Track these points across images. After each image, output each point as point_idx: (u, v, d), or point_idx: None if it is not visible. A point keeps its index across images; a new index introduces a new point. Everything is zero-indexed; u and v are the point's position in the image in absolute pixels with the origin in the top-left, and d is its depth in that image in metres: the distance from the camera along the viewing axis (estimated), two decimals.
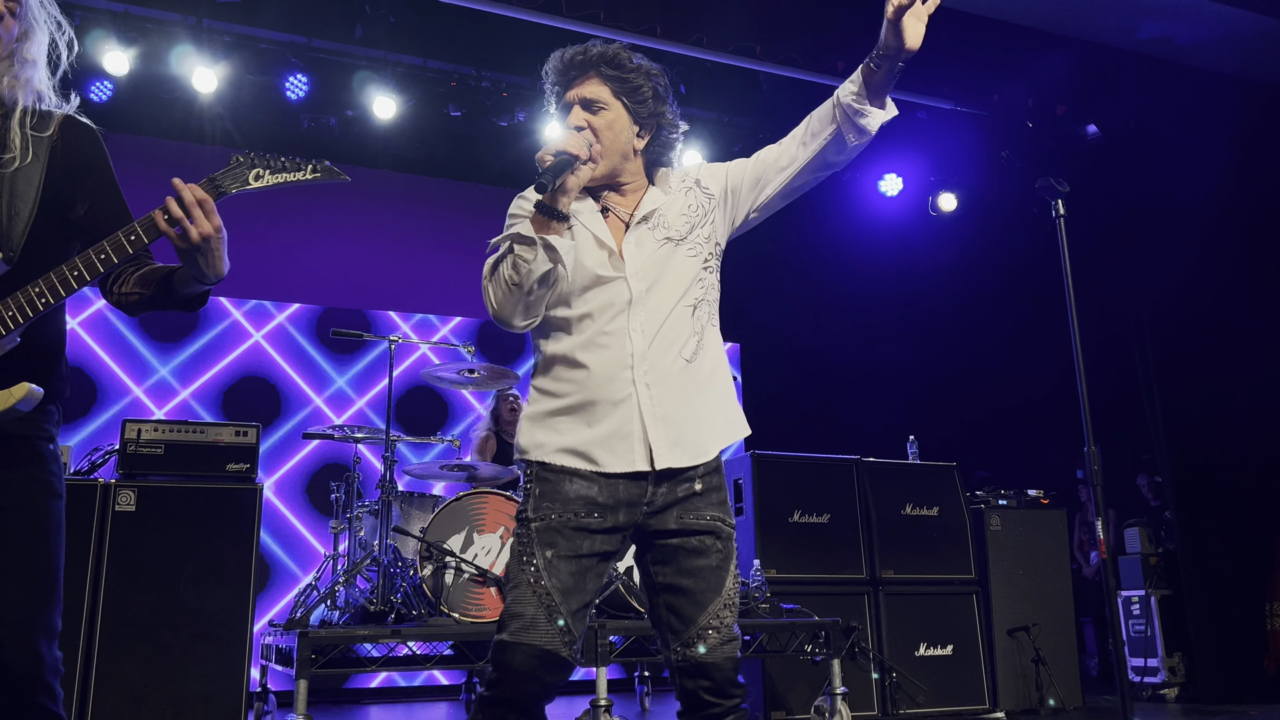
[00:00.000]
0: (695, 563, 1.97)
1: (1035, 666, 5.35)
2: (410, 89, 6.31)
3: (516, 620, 1.88)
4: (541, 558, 1.91)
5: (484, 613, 4.34)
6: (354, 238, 7.34)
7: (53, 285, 1.82)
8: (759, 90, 6.58)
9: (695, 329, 2.07)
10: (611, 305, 2.00)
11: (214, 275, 1.87)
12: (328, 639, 3.87)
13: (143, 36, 5.75)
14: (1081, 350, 2.84)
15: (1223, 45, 6.21)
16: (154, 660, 4.01)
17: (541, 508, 1.94)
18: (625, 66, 2.08)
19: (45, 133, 1.94)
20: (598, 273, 2.01)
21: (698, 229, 2.12)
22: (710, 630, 1.95)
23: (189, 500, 4.23)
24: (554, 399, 2.01)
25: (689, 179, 2.19)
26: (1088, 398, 2.75)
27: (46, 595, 1.83)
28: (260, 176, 1.93)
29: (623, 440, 1.96)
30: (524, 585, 1.90)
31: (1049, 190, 2.83)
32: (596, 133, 2.04)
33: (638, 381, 1.98)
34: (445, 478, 5.31)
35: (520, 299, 1.93)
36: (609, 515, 1.95)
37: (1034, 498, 5.77)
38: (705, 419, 2.05)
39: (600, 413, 1.97)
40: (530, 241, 1.90)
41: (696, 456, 2.01)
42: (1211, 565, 5.97)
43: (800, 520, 5.15)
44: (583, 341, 1.99)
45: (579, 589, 1.91)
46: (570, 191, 1.94)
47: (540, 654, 1.86)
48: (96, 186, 2.00)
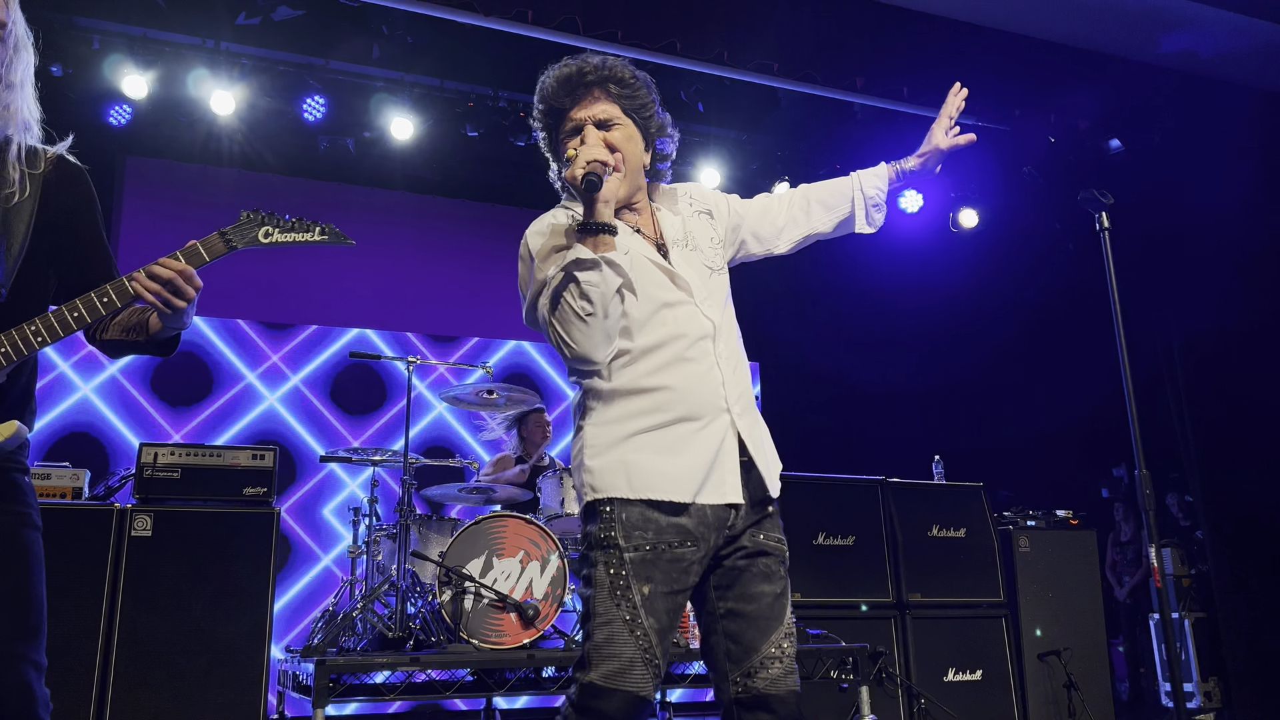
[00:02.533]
0: (761, 588, 1.89)
1: (1067, 691, 5.22)
2: (427, 110, 6.30)
3: (611, 662, 1.76)
4: (639, 593, 1.79)
5: (504, 639, 4.26)
6: (372, 258, 7.32)
7: (50, 326, 1.84)
8: (777, 107, 6.53)
9: (745, 360, 2.06)
10: (688, 332, 1.93)
11: (189, 322, 1.95)
12: (345, 666, 3.80)
13: (161, 60, 5.76)
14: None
15: (1246, 58, 6.14)
16: (170, 686, 3.95)
17: (634, 536, 1.82)
18: (631, 83, 2.03)
19: (37, 170, 1.94)
20: (666, 297, 1.94)
21: (724, 260, 2.12)
22: (774, 661, 1.85)
23: (206, 524, 4.18)
24: (634, 430, 1.88)
25: (695, 203, 2.15)
26: (1120, 416, 2.66)
27: (35, 630, 1.80)
28: (269, 234, 1.97)
29: (720, 473, 1.88)
30: (618, 623, 1.78)
31: (1092, 202, 2.75)
32: (618, 147, 1.98)
33: (731, 409, 1.91)
34: (462, 500, 5.25)
35: (599, 327, 1.83)
36: (702, 543, 1.86)
37: (1063, 518, 5.67)
38: (768, 453, 2.02)
39: (691, 442, 1.87)
40: (594, 264, 1.81)
41: (777, 486, 1.99)
42: (1246, 587, 5.84)
43: (825, 542, 5.06)
44: (666, 364, 1.90)
45: (671, 627, 1.83)
46: (609, 202, 1.87)
47: (636, 701, 1.77)
48: (83, 227, 2.01)
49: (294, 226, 1.97)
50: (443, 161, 6.95)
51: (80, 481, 4.20)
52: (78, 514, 4.02)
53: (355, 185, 7.14)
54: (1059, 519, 5.65)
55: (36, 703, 1.77)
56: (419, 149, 6.58)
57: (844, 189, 2.21)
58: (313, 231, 1.98)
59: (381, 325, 7.33)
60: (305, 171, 6.99)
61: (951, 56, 5.80)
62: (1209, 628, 6.06)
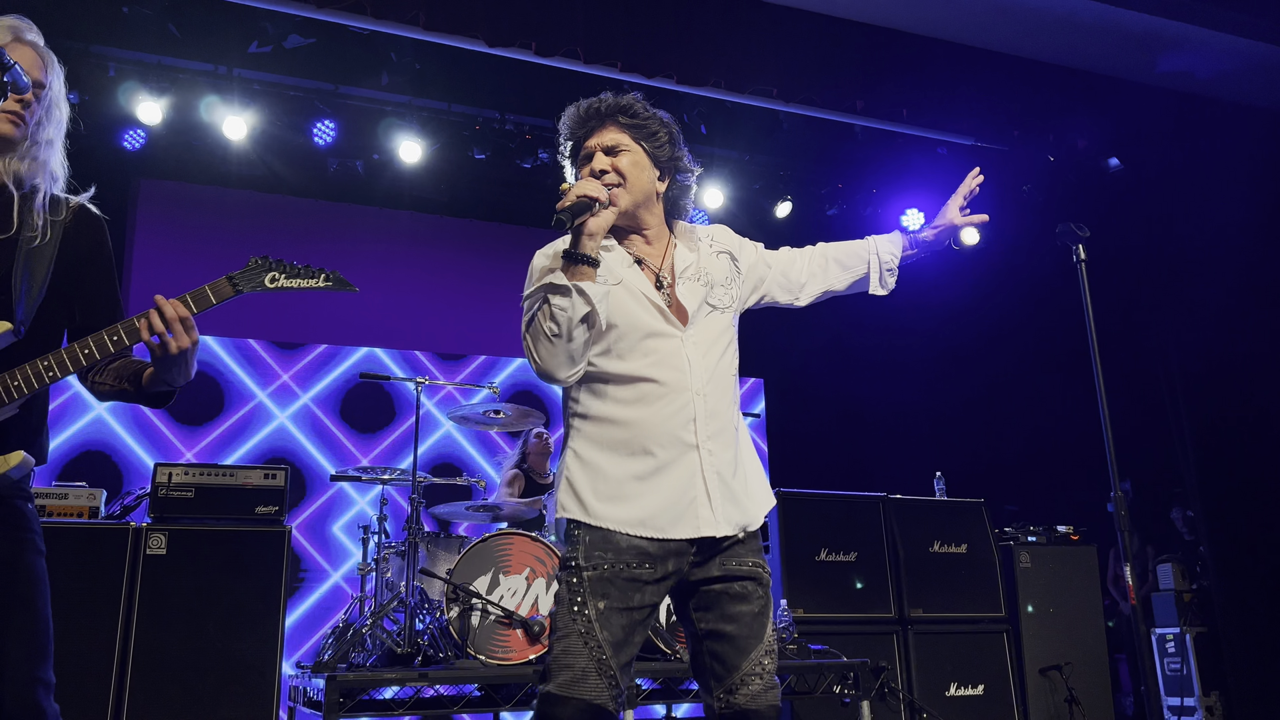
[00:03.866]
0: (738, 608, 1.98)
1: (1069, 706, 5.26)
2: (435, 133, 6.41)
3: (566, 672, 1.86)
4: (594, 609, 1.89)
5: (510, 655, 4.33)
6: (381, 278, 7.42)
7: (61, 361, 1.93)
8: (780, 129, 6.63)
9: (734, 397, 2.12)
10: (669, 364, 2.01)
11: (182, 379, 1.98)
12: (355, 682, 3.87)
13: (174, 86, 5.88)
14: (1105, 387, 2.83)
15: (1243, 77, 6.21)
16: (183, 702, 4.02)
17: (593, 556, 1.93)
18: (641, 115, 2.14)
19: (59, 217, 2.05)
20: (654, 328, 2.03)
21: (736, 302, 2.20)
22: (754, 677, 1.95)
23: (219, 543, 4.27)
24: (607, 456, 1.99)
25: (716, 243, 2.24)
26: (1113, 438, 2.73)
27: (43, 649, 1.89)
28: (275, 280, 2.03)
29: (686, 508, 1.96)
30: (574, 636, 1.88)
31: (1069, 235, 2.84)
32: (621, 172, 2.08)
33: (701, 446, 1.99)
34: (469, 518, 5.33)
35: (563, 349, 1.94)
36: (659, 566, 1.95)
37: (1064, 534, 5.71)
38: (749, 486, 2.08)
39: (657, 475, 1.97)
40: (564, 290, 1.92)
41: (748, 524, 2.04)
42: (1248, 601, 5.87)
43: (827, 559, 5.12)
44: (640, 397, 1.99)
45: (629, 642, 1.91)
46: (595, 235, 1.96)
47: (590, 709, 1.84)
48: (96, 272, 2.11)
49: (300, 273, 2.04)
50: (450, 183, 7.07)
51: (97, 501, 4.29)
52: (94, 533, 4.11)
53: (365, 206, 7.26)
54: (1060, 534, 5.70)
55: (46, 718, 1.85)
56: (427, 171, 6.70)
57: (861, 252, 2.34)
58: (318, 278, 2.05)
59: (390, 344, 7.42)
60: (315, 193, 7.10)
61: (950, 78, 5.89)
62: (1211, 642, 6.08)
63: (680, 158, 2.18)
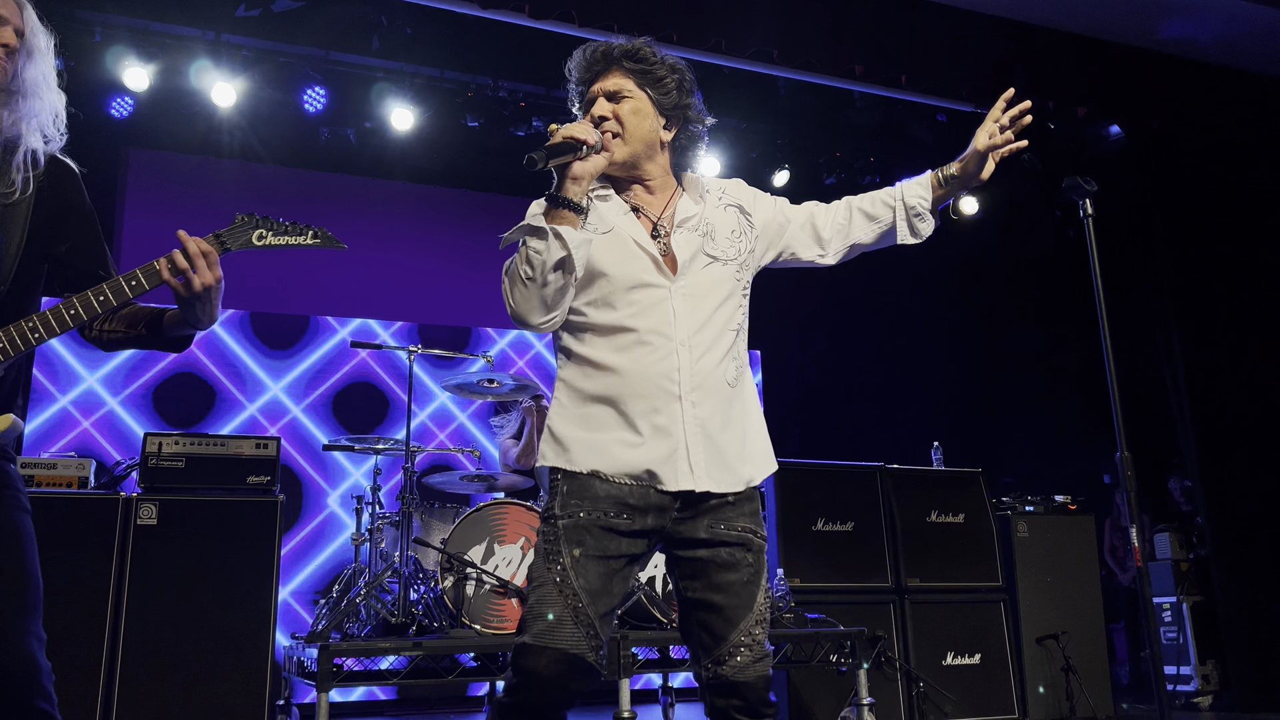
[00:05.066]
0: (726, 577, 1.91)
1: (1065, 675, 5.26)
2: (427, 100, 6.32)
3: (540, 622, 1.80)
4: (569, 556, 1.83)
5: (505, 624, 4.31)
6: (373, 249, 7.35)
7: (48, 322, 1.88)
8: (777, 95, 6.55)
9: (736, 354, 2.03)
10: (654, 314, 1.94)
11: (208, 320, 1.95)
12: (349, 651, 3.85)
13: (162, 52, 5.78)
14: (1106, 347, 2.77)
15: (1248, 42, 6.13)
16: (176, 674, 3.99)
17: (569, 505, 1.87)
18: (648, 59, 2.07)
19: (36, 170, 1.99)
20: (642, 278, 1.96)
21: (743, 254, 2.09)
22: (743, 648, 1.89)
23: (210, 513, 4.22)
24: (588, 405, 1.94)
25: (726, 195, 2.16)
26: (1119, 400, 2.68)
27: (33, 604, 1.88)
28: (263, 237, 2.00)
29: (666, 461, 1.89)
30: (549, 585, 1.82)
31: (1076, 189, 2.77)
32: (621, 119, 2.02)
33: (684, 398, 1.92)
34: (464, 488, 5.29)
35: (536, 293, 1.88)
36: (638, 518, 1.89)
37: (1061, 503, 5.69)
38: (746, 446, 2.00)
39: (639, 426, 1.90)
40: (541, 233, 1.87)
41: (735, 485, 1.96)
42: (1245, 570, 5.87)
43: (824, 528, 5.09)
44: (622, 346, 1.93)
45: (606, 591, 1.85)
46: (580, 180, 1.91)
47: (566, 659, 1.78)
48: (79, 227, 2.05)
49: (288, 230, 2.01)
50: (443, 152, 6.97)
51: (86, 471, 4.24)
52: (84, 503, 4.07)
53: (356, 176, 7.16)
54: (1057, 504, 5.67)
55: (41, 672, 1.85)
56: (419, 139, 6.60)
57: (887, 199, 2.20)
58: (305, 235, 2.03)
59: (383, 315, 7.36)
60: (306, 162, 7.01)
61: (949, 44, 5.80)
62: (1207, 611, 6.08)
63: (689, 106, 2.10)
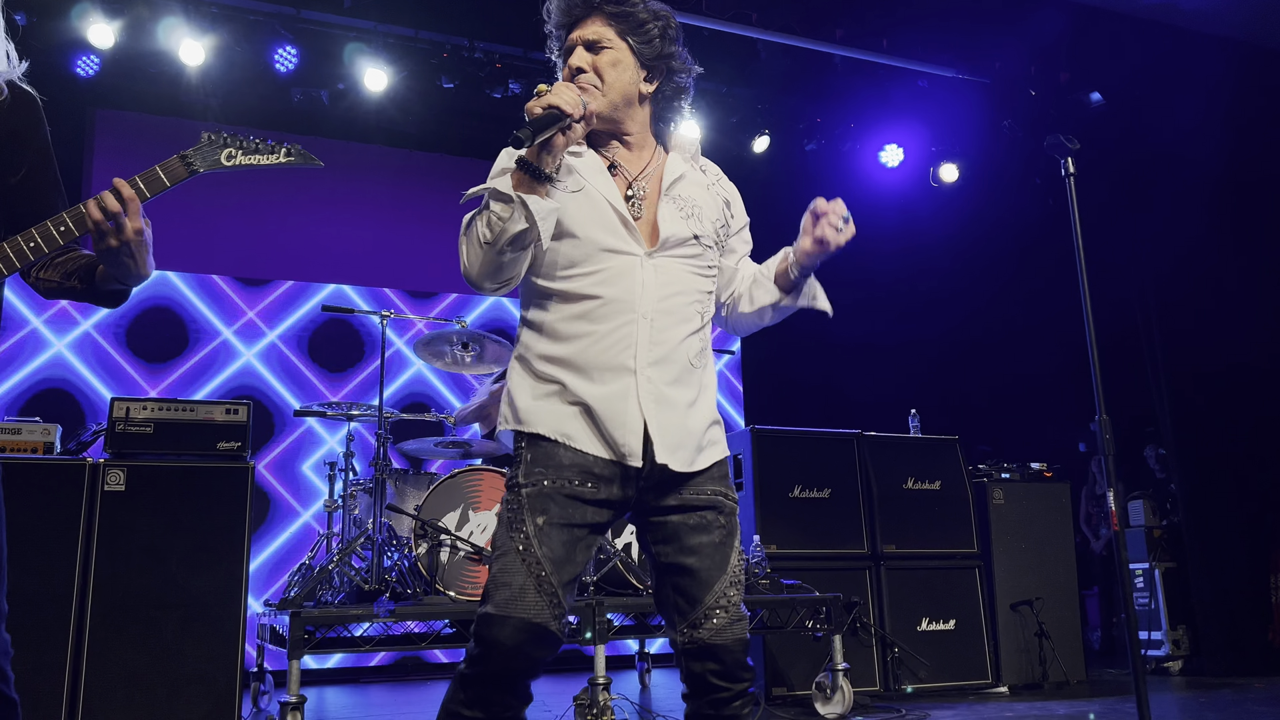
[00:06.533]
0: (698, 540, 1.87)
1: (1038, 640, 5.30)
2: (401, 61, 6.20)
3: (503, 590, 1.76)
4: (532, 524, 1.79)
5: (480, 591, 4.28)
6: (348, 213, 7.25)
7: (6, 257, 1.75)
8: (757, 59, 6.46)
9: (702, 336, 1.98)
10: (618, 282, 1.87)
11: (136, 277, 1.83)
12: (321, 619, 3.81)
13: (129, 8, 5.64)
14: (1086, 310, 2.75)
15: (1229, 9, 6.10)
16: (146, 641, 3.94)
17: (534, 473, 1.83)
18: (630, 3, 1.97)
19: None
20: (611, 243, 1.89)
21: (720, 242, 2.05)
22: (718, 610, 1.85)
23: (180, 479, 4.15)
24: (546, 370, 1.89)
25: (721, 185, 2.10)
26: (1099, 359, 2.66)
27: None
28: (232, 157, 1.88)
29: (617, 433, 1.84)
30: (512, 554, 1.78)
31: (1058, 147, 2.73)
32: (600, 72, 1.93)
33: (639, 373, 1.86)
34: (439, 454, 5.25)
35: (493, 259, 1.81)
36: (603, 487, 1.84)
37: (1037, 471, 5.71)
38: (706, 430, 1.95)
39: (596, 396, 1.85)
40: (507, 199, 1.79)
41: (697, 464, 1.91)
42: (1216, 538, 5.93)
43: (801, 495, 5.09)
44: (582, 313, 1.87)
45: (570, 560, 1.81)
46: (557, 151, 1.81)
47: (529, 627, 1.75)
48: (34, 155, 1.91)
49: (258, 148, 1.89)
50: (418, 114, 6.85)
51: (51, 436, 4.16)
52: (49, 469, 3.99)
53: (330, 139, 7.04)
54: (1033, 472, 5.70)
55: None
56: (393, 101, 6.49)
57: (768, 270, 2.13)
58: (278, 153, 1.91)
59: (358, 280, 7.28)
60: (278, 125, 6.87)
61: (931, 9, 5.74)
62: (1179, 578, 6.15)
63: (672, 55, 2.00)
